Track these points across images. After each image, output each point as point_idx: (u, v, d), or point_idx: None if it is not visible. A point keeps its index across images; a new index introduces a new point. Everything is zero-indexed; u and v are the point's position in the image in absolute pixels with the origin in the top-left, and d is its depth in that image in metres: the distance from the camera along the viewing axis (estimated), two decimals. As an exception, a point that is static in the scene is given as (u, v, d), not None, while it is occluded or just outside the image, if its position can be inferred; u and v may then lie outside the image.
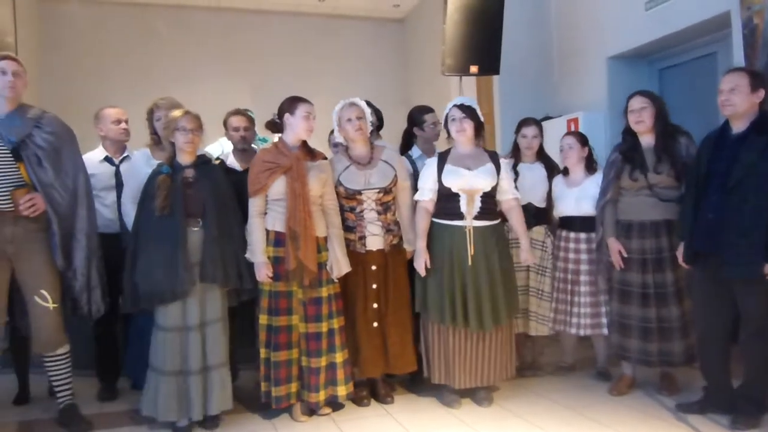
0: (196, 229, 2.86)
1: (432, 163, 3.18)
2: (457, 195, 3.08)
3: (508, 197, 3.18)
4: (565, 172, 3.55)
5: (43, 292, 2.81)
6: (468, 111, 3.12)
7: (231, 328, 3.01)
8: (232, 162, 3.53)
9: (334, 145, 3.63)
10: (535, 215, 3.51)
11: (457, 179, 3.07)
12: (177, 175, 2.88)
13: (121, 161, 3.47)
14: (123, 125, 3.51)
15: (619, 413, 3.01)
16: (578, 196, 3.42)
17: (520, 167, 3.55)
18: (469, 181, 3.07)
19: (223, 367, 2.90)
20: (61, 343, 2.92)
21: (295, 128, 3.01)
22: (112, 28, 6.85)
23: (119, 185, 3.37)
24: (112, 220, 3.33)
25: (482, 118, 3.20)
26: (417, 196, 3.17)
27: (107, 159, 3.47)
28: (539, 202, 3.53)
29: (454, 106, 3.14)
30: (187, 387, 2.81)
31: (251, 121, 3.62)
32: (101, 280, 2.95)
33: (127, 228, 3.15)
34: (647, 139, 3.17)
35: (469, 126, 3.11)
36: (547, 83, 5.50)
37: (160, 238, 2.80)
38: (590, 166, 3.50)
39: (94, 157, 3.40)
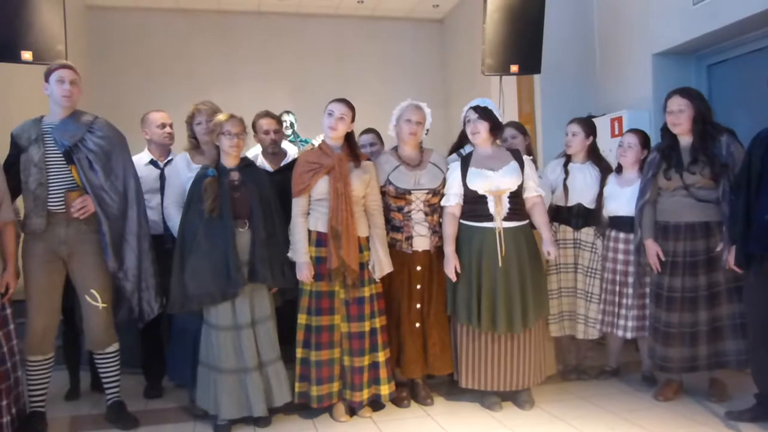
0: (243, 230, 2.91)
1: (455, 167, 3.17)
2: (484, 197, 3.06)
3: (533, 194, 3.14)
4: (619, 170, 3.46)
5: (93, 291, 2.90)
6: (482, 112, 3.10)
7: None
8: (262, 163, 3.57)
9: (371, 144, 3.62)
10: (585, 216, 3.45)
11: (482, 181, 3.05)
12: (223, 177, 2.94)
13: (166, 164, 3.55)
14: (167, 129, 3.59)
15: (665, 420, 2.93)
16: (631, 197, 3.32)
17: (570, 167, 3.50)
18: (495, 182, 3.04)
19: (278, 362, 2.97)
20: (110, 342, 3.00)
21: (323, 126, 3.06)
22: (156, 35, 7.05)
23: (164, 188, 3.44)
24: (156, 222, 3.40)
25: (500, 119, 3.18)
26: (443, 202, 3.16)
27: (152, 162, 3.55)
28: (589, 204, 3.46)
29: (470, 108, 3.14)
30: (245, 384, 2.87)
31: (280, 122, 3.65)
32: (154, 281, 3.02)
33: (170, 230, 3.22)
34: (686, 139, 3.09)
35: (483, 127, 3.09)
36: (589, 81, 5.39)
37: (209, 240, 2.86)
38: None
39: (140, 160, 3.49)
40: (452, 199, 3.12)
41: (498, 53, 4.49)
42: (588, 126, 3.57)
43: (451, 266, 3.07)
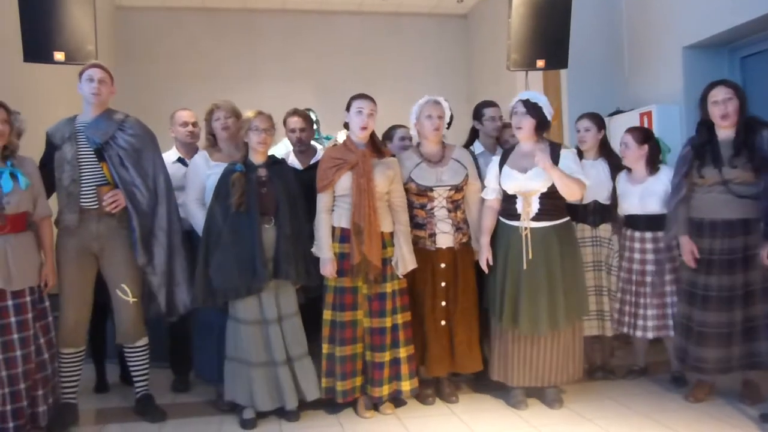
0: (268, 226, 2.94)
1: (495, 162, 3.15)
2: (515, 196, 3.03)
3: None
4: (629, 168, 3.41)
5: (124, 286, 2.95)
6: (530, 106, 3.03)
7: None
8: (293, 161, 3.59)
9: (401, 139, 3.61)
10: (601, 213, 3.40)
11: (511, 182, 3.03)
12: (250, 173, 2.97)
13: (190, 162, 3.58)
14: (190, 128, 3.63)
15: (696, 421, 2.87)
16: (642, 194, 3.29)
17: (583, 163, 3.44)
18: (523, 184, 3.01)
19: (306, 357, 2.99)
20: (140, 336, 3.06)
21: (351, 124, 3.06)
22: (182, 34, 7.13)
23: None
24: (183, 219, 3.44)
25: (549, 116, 3.08)
26: (483, 195, 3.17)
27: (179, 160, 3.60)
28: (604, 200, 3.41)
29: (519, 100, 3.08)
30: (276, 377, 2.91)
31: (309, 120, 3.65)
32: (186, 276, 3.06)
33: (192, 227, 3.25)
34: (726, 132, 2.98)
35: (527, 123, 3.03)
36: (617, 75, 5.30)
37: (235, 235, 2.89)
38: (652, 163, 3.34)
39: (167, 158, 3.52)
40: (490, 194, 3.12)
41: (524, 48, 4.44)
42: (599, 120, 3.51)
43: (483, 258, 3.07)
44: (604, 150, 3.51)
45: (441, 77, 7.35)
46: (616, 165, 3.46)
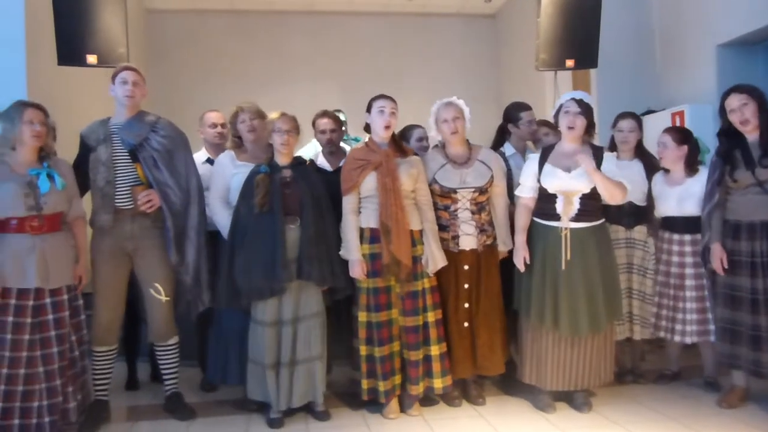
0: (293, 227, 2.95)
1: (534, 159, 3.12)
2: (554, 196, 2.99)
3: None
4: (666, 169, 3.35)
5: (157, 285, 3.00)
6: (584, 106, 3.01)
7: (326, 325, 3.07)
8: (322, 162, 3.60)
9: (418, 139, 3.60)
10: (635, 214, 3.35)
11: (554, 180, 2.99)
12: (275, 174, 2.99)
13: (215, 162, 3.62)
14: (218, 129, 3.68)
15: (728, 428, 2.81)
16: (681, 196, 3.23)
17: (617, 164, 3.38)
18: (566, 184, 2.97)
19: (315, 362, 2.97)
20: (171, 334, 3.11)
21: (373, 125, 3.06)
22: (211, 36, 7.23)
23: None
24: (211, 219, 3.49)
25: (594, 119, 3.09)
26: (517, 192, 3.14)
27: (208, 160, 3.64)
28: (639, 201, 3.36)
29: (572, 99, 3.04)
30: (281, 378, 2.92)
31: (338, 122, 3.66)
32: (207, 276, 3.09)
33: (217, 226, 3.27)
34: (753, 135, 2.95)
35: (581, 122, 3.01)
36: (649, 75, 5.21)
37: (258, 236, 2.91)
38: (691, 164, 3.28)
39: (197, 159, 3.56)
40: (526, 192, 3.09)
41: (553, 48, 4.40)
42: (640, 121, 3.47)
43: (520, 257, 3.03)
44: (639, 150, 3.46)
45: (468, 78, 7.31)
46: (651, 166, 3.40)
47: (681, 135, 3.30)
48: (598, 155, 3.02)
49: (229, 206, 3.15)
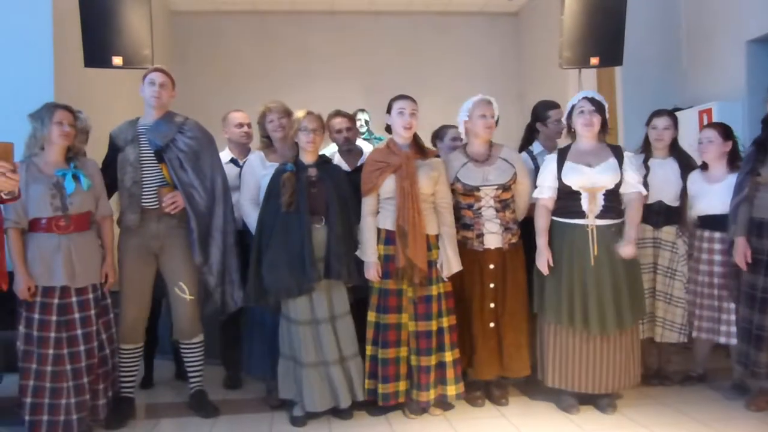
0: (319, 226, 2.96)
1: (552, 159, 3.08)
2: (578, 193, 2.96)
3: (630, 191, 3.01)
4: (704, 167, 3.28)
5: (182, 284, 3.04)
6: (598, 105, 3.00)
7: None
8: (339, 162, 3.59)
9: (452, 139, 3.58)
10: (666, 214, 3.29)
11: (578, 177, 2.95)
12: (301, 173, 3.00)
13: (245, 163, 3.65)
14: (245, 129, 3.70)
15: (756, 431, 2.75)
16: (723, 193, 3.13)
17: (651, 162, 3.34)
18: (591, 179, 2.94)
19: (358, 357, 3.00)
20: (196, 333, 3.14)
21: (393, 126, 3.06)
22: (234, 37, 7.29)
23: (243, 185, 3.54)
24: (238, 219, 3.51)
25: (608, 116, 3.07)
26: (536, 194, 3.10)
27: (232, 160, 3.67)
28: (671, 201, 3.30)
29: (585, 98, 3.03)
30: (330, 376, 2.92)
31: (352, 120, 3.66)
32: (238, 275, 3.12)
33: (246, 226, 3.30)
34: None
35: (597, 121, 3.00)
36: (675, 72, 5.12)
37: (285, 234, 2.92)
38: (733, 161, 3.21)
39: (221, 159, 3.60)
40: (545, 192, 3.06)
41: (577, 45, 4.34)
42: (676, 118, 3.40)
43: (544, 259, 3.00)
44: (674, 149, 3.40)
45: (491, 76, 7.26)
46: (686, 164, 3.34)
47: (727, 130, 3.24)
48: (617, 154, 3.00)
49: (259, 207, 3.16)
